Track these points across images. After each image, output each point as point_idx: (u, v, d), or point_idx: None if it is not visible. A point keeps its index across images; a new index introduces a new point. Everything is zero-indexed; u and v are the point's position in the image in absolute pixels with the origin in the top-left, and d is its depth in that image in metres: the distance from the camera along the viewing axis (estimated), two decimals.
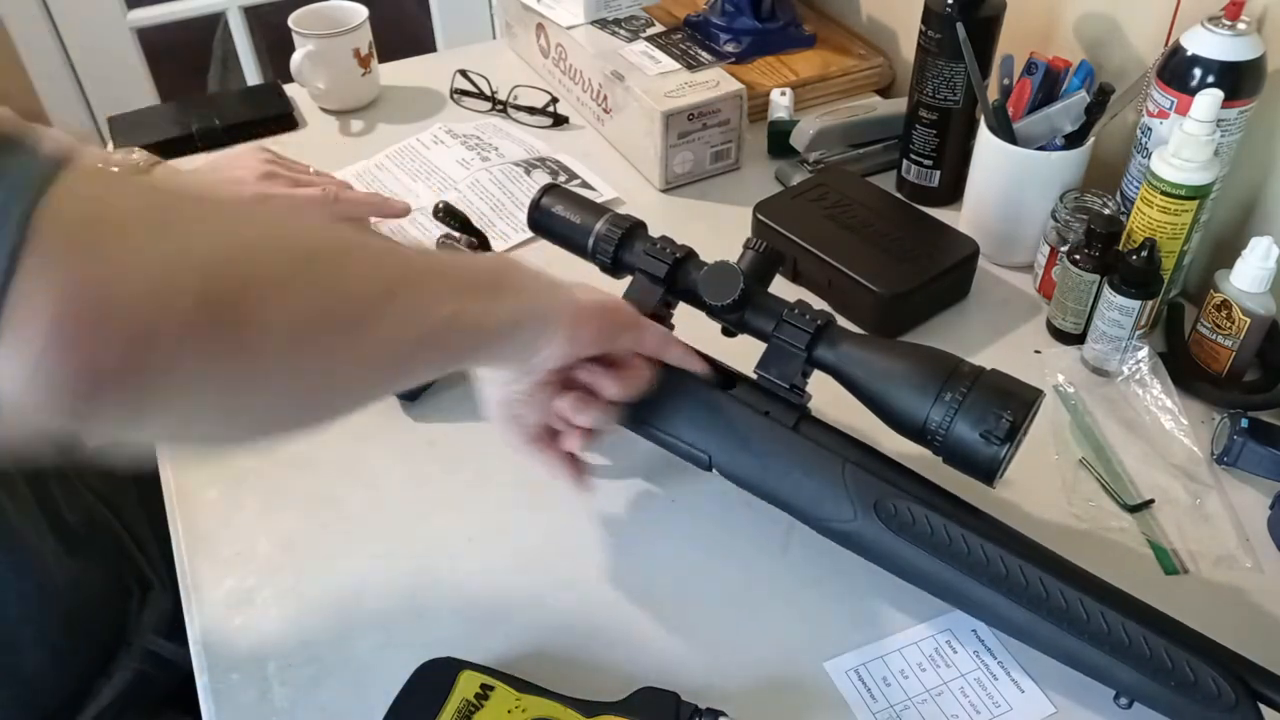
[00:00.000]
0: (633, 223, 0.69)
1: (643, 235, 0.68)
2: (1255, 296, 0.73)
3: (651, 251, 0.67)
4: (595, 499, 0.71)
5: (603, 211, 0.70)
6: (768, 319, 0.64)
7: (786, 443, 0.63)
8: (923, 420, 0.59)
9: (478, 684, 0.55)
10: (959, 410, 0.58)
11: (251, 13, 1.80)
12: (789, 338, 0.63)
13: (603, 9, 1.09)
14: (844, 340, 0.63)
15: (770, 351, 0.64)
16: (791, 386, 0.64)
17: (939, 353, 0.61)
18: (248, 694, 0.59)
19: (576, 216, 0.70)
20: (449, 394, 0.78)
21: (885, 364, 0.61)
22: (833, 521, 0.62)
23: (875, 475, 0.61)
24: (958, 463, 0.60)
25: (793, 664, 0.61)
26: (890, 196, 0.92)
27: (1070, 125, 0.83)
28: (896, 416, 0.61)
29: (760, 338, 0.65)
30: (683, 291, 0.67)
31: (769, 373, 0.64)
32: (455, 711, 0.54)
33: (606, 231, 0.68)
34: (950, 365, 0.60)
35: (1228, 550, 0.67)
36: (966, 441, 0.58)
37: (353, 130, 1.10)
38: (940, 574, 0.59)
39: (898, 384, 0.60)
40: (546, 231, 0.72)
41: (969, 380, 0.59)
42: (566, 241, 0.71)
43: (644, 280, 0.67)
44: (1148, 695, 0.55)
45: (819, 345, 0.63)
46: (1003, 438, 0.57)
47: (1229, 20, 0.72)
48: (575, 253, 0.71)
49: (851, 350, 0.62)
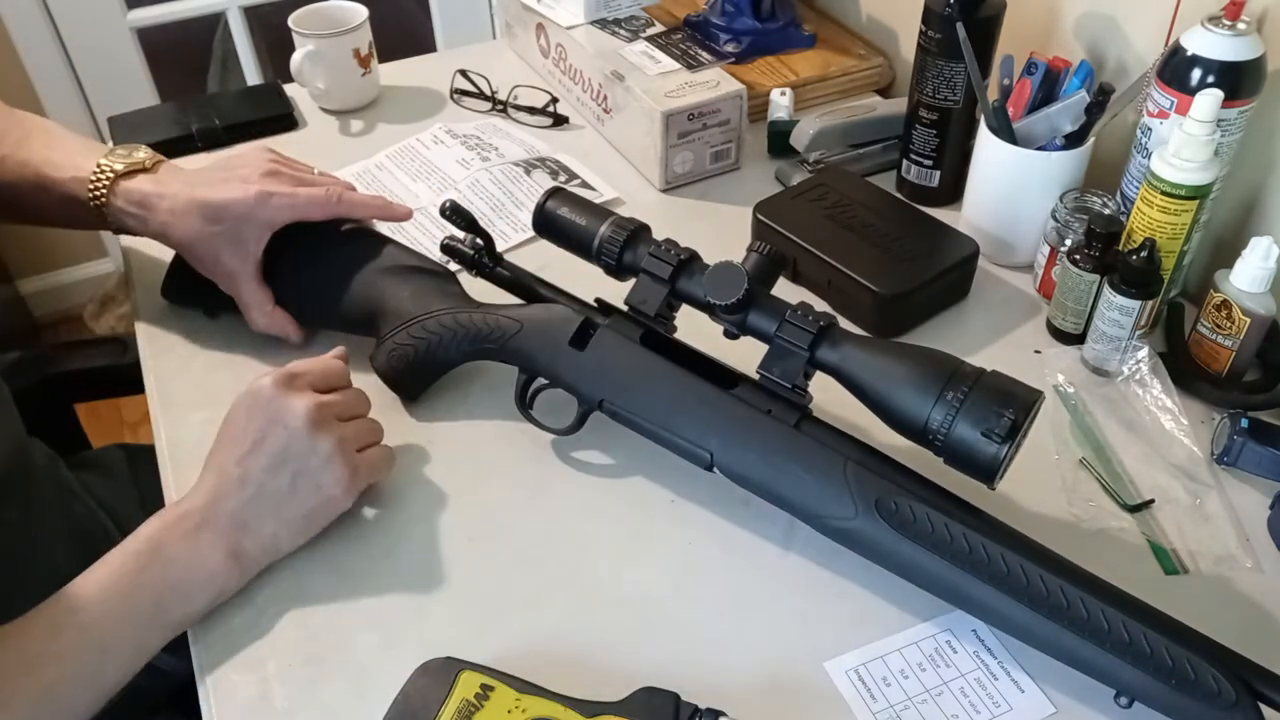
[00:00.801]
0: (637, 225, 0.69)
1: (647, 238, 0.69)
2: (1255, 296, 0.73)
3: (656, 253, 0.68)
4: (595, 499, 0.71)
5: (607, 215, 0.70)
6: (770, 320, 0.64)
7: (788, 440, 0.64)
8: (924, 420, 0.59)
9: (478, 684, 0.55)
10: (960, 410, 0.58)
11: (251, 13, 1.80)
12: (791, 338, 0.64)
13: (603, 9, 1.09)
14: (846, 341, 0.63)
15: (773, 351, 0.65)
16: (793, 386, 0.64)
17: (940, 354, 0.62)
18: (248, 694, 0.59)
19: (582, 219, 0.71)
20: (449, 394, 0.78)
21: (887, 365, 0.61)
22: (834, 519, 0.62)
23: (877, 473, 0.62)
24: (958, 463, 0.60)
25: (793, 664, 0.61)
26: (890, 196, 0.92)
27: (1070, 125, 0.83)
28: (898, 416, 0.61)
29: (763, 339, 0.65)
30: (686, 294, 0.68)
31: (771, 372, 0.64)
32: (455, 711, 0.54)
33: (611, 234, 0.69)
34: (951, 366, 0.60)
35: (1228, 550, 0.67)
36: (967, 441, 0.58)
37: (353, 130, 1.10)
38: (941, 573, 0.59)
39: (899, 384, 0.60)
40: (552, 234, 0.72)
41: (970, 381, 0.59)
42: (571, 244, 0.71)
43: (648, 280, 0.68)
44: (1148, 694, 0.55)
45: (821, 346, 0.63)
46: (1004, 437, 0.57)
47: (1229, 20, 0.72)
48: (580, 255, 0.71)
49: (853, 351, 0.62)
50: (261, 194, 0.74)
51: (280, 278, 0.79)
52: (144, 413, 0.78)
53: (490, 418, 0.76)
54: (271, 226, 0.75)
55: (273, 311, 0.78)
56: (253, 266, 0.76)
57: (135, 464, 0.94)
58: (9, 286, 2.08)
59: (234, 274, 0.76)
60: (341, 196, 0.78)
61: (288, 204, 0.75)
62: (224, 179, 0.76)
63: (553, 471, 0.73)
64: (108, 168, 0.75)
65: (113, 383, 1.02)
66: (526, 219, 0.95)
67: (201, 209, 0.74)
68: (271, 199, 0.75)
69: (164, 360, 0.82)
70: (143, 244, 0.91)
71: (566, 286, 0.75)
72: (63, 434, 1.00)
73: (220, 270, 0.76)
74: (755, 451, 0.64)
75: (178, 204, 0.74)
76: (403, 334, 0.75)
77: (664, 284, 0.67)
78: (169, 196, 0.75)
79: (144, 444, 0.89)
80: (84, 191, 0.75)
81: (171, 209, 0.75)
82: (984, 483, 0.60)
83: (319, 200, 0.77)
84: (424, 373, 0.76)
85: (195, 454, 0.74)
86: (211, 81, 1.95)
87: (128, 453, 0.96)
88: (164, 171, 0.77)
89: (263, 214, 0.75)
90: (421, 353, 0.74)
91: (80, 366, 1.04)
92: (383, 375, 0.75)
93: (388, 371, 0.75)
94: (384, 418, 0.74)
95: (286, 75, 1.11)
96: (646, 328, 0.70)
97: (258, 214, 0.74)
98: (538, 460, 0.74)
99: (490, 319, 0.74)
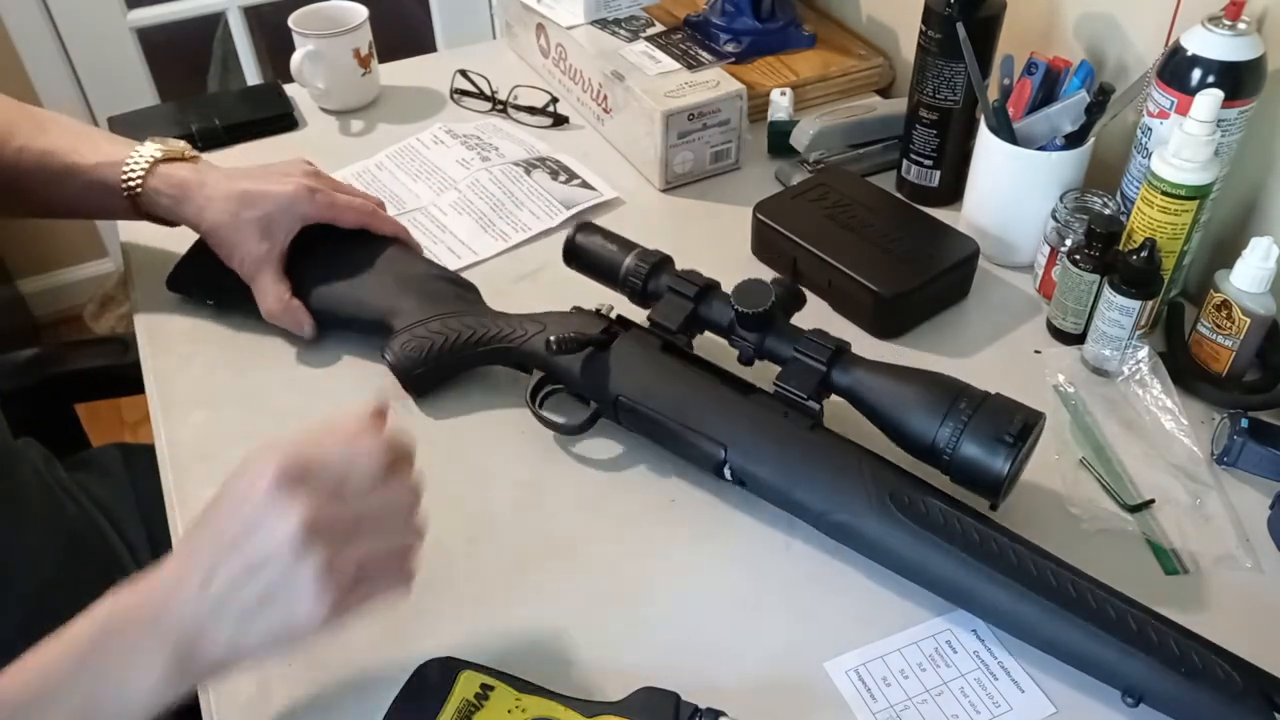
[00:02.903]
0: (661, 256, 0.74)
1: (670, 268, 0.74)
2: (1255, 296, 0.73)
3: (680, 277, 0.72)
4: (596, 499, 0.71)
5: (632, 246, 0.75)
6: (786, 344, 0.68)
7: (804, 437, 0.66)
8: (932, 438, 0.63)
9: (478, 684, 0.55)
10: (967, 427, 0.62)
11: (251, 13, 1.80)
12: (807, 353, 0.67)
13: (603, 9, 1.09)
14: (858, 365, 0.67)
15: (789, 367, 0.68)
16: (807, 397, 0.66)
17: (947, 377, 0.65)
18: (248, 694, 0.59)
19: (608, 250, 0.75)
20: (450, 394, 0.78)
21: (897, 387, 0.65)
22: (846, 512, 0.63)
23: (891, 470, 0.64)
24: (965, 479, 0.63)
25: (793, 664, 0.61)
26: (890, 196, 0.92)
27: (1070, 125, 0.83)
28: (908, 435, 0.64)
29: (777, 361, 0.68)
30: (707, 317, 0.71)
31: (788, 384, 0.67)
32: (455, 711, 0.54)
33: (636, 264, 0.73)
34: (959, 386, 0.64)
35: (1228, 550, 0.67)
36: (973, 458, 0.62)
37: (353, 130, 1.10)
38: (950, 568, 0.60)
39: (909, 405, 0.64)
40: (580, 263, 0.77)
41: (977, 401, 0.63)
42: (599, 272, 0.76)
43: (672, 299, 0.72)
44: (1156, 685, 0.55)
45: (835, 367, 0.67)
46: (1009, 450, 0.61)
47: (1229, 20, 0.72)
48: (606, 283, 0.76)
49: (865, 375, 0.66)
50: (303, 187, 0.78)
51: (298, 271, 0.80)
52: (144, 413, 0.78)
53: (491, 418, 0.76)
54: (305, 220, 0.78)
55: (290, 301, 0.79)
56: (278, 254, 0.78)
57: (132, 463, 0.94)
58: (9, 286, 2.08)
59: (258, 260, 0.77)
60: (375, 210, 0.82)
61: (327, 201, 0.79)
62: (264, 174, 0.79)
63: (553, 472, 0.73)
64: (146, 154, 0.78)
65: (113, 383, 1.02)
66: (526, 219, 0.95)
67: (241, 195, 0.77)
68: (314, 195, 0.78)
69: (164, 360, 0.82)
70: (143, 244, 0.91)
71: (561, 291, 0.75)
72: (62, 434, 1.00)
73: (245, 255, 0.78)
74: (771, 447, 0.66)
75: (217, 190, 0.77)
76: (420, 328, 0.75)
77: (688, 301, 0.71)
78: (209, 184, 0.78)
79: (141, 443, 0.89)
80: (115, 175, 0.77)
81: (210, 195, 0.77)
82: (989, 498, 0.63)
83: (355, 206, 0.80)
84: (437, 368, 0.76)
85: (195, 454, 0.74)
86: (211, 81, 1.95)
87: (124, 452, 0.96)
88: (202, 163, 0.81)
89: (300, 207, 0.78)
90: (438, 346, 0.75)
91: (80, 366, 1.04)
92: (394, 367, 0.75)
93: (401, 362, 0.75)
94: None
95: (286, 75, 1.11)
96: (666, 341, 0.72)
97: (296, 206, 0.77)
98: (538, 460, 0.74)
99: (511, 320, 0.76)
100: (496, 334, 0.75)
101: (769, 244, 0.89)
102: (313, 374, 0.80)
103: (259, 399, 0.78)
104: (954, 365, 0.80)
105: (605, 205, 0.98)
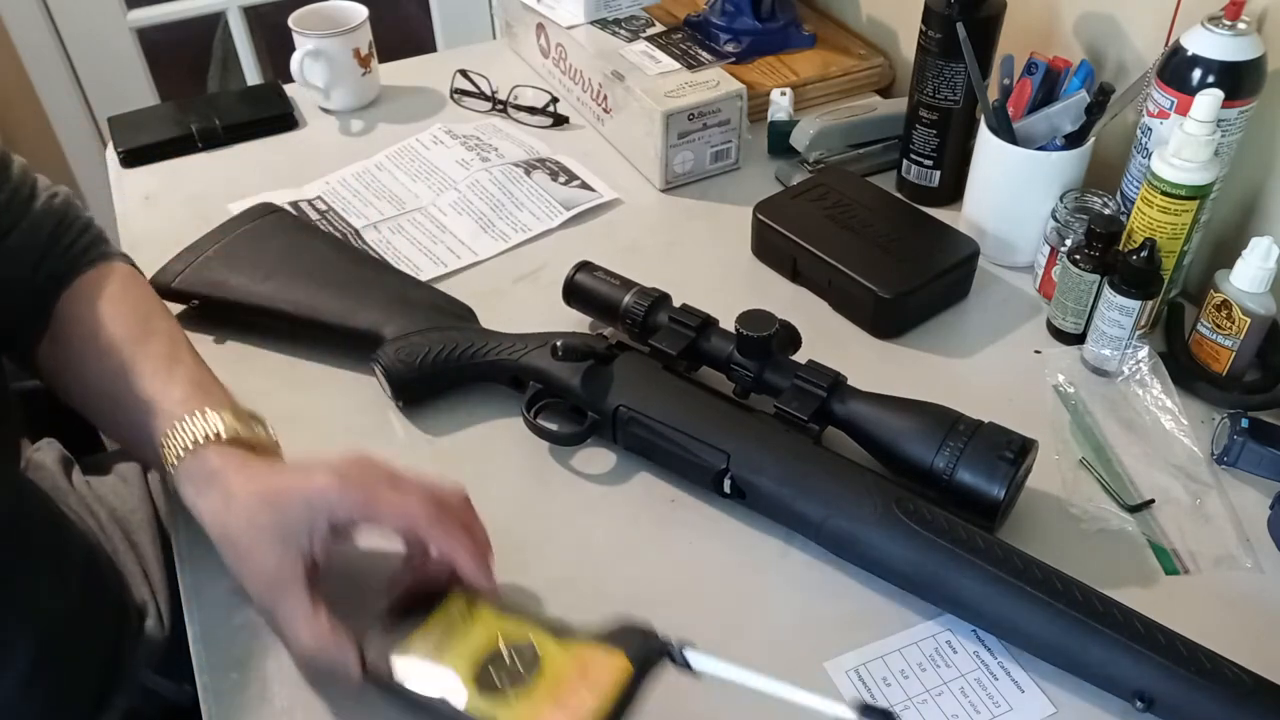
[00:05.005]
0: (659, 294, 0.75)
1: (669, 304, 0.75)
2: (1255, 296, 0.73)
3: (683, 309, 0.74)
4: (595, 499, 0.71)
5: (631, 285, 0.77)
6: (785, 375, 0.69)
7: (807, 448, 0.67)
8: (930, 462, 0.64)
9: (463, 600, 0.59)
10: (964, 453, 0.63)
11: (251, 13, 1.80)
12: (807, 379, 0.68)
13: (603, 9, 1.09)
14: (855, 396, 0.68)
15: (788, 393, 0.69)
16: (808, 420, 0.67)
17: (942, 407, 0.67)
18: (248, 694, 0.59)
19: (607, 288, 0.77)
20: (449, 397, 0.78)
21: (894, 415, 0.66)
22: (848, 517, 0.63)
23: (893, 481, 0.65)
24: (963, 503, 0.63)
25: (793, 664, 0.61)
26: (890, 196, 0.92)
27: (1070, 125, 0.83)
28: (905, 462, 0.65)
29: (775, 395, 0.69)
30: (706, 350, 0.73)
31: (789, 406, 0.68)
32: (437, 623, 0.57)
33: (635, 301, 0.75)
34: (954, 415, 0.66)
35: (1228, 550, 0.67)
36: (970, 483, 0.63)
37: (353, 130, 1.10)
38: (956, 576, 0.60)
39: (906, 431, 0.65)
40: (580, 301, 0.79)
41: (973, 427, 0.64)
42: (598, 309, 0.78)
43: (672, 329, 0.73)
44: (1166, 688, 0.55)
45: (833, 396, 0.68)
46: (1011, 461, 0.62)
47: (1229, 20, 0.72)
48: (606, 320, 0.78)
49: (861, 405, 0.68)
50: (334, 480, 0.58)
51: (285, 277, 0.79)
52: None
53: (490, 420, 0.76)
54: (334, 522, 0.58)
55: (329, 632, 0.56)
56: (302, 570, 0.57)
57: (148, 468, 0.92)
58: None
59: (272, 580, 0.57)
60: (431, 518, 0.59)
61: (361, 499, 0.58)
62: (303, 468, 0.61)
63: (553, 472, 0.73)
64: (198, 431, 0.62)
65: None
66: (526, 220, 0.95)
67: (263, 494, 0.59)
68: (346, 489, 0.58)
69: None
70: (143, 243, 0.91)
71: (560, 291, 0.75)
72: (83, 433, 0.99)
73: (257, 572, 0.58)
74: (773, 455, 0.66)
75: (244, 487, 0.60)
76: (415, 336, 0.75)
77: (689, 331, 0.72)
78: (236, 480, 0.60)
79: None
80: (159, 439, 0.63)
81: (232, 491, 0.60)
82: (985, 521, 0.63)
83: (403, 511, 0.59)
84: (429, 377, 0.75)
85: None
86: (211, 81, 1.95)
87: None
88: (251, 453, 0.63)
89: (325, 506, 0.58)
90: (431, 355, 0.74)
91: None
92: (386, 371, 0.75)
93: (394, 365, 0.74)
94: (382, 420, 0.74)
95: (286, 75, 1.11)
96: (666, 364, 0.72)
97: (320, 503, 0.58)
98: (537, 462, 0.73)
99: (508, 336, 0.76)
100: (494, 347, 0.75)
101: (769, 244, 0.89)
102: (304, 380, 0.80)
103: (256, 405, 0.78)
104: (954, 365, 0.80)
105: (605, 206, 0.98)
